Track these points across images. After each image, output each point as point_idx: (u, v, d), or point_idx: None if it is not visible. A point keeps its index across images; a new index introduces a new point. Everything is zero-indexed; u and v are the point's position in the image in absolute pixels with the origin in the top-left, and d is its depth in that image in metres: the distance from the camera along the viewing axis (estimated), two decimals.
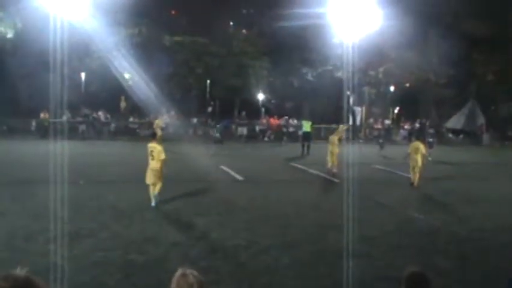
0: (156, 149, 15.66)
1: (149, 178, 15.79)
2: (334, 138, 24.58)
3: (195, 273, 4.23)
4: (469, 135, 49.10)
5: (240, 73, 52.61)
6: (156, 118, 36.50)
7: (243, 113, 49.71)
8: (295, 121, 46.67)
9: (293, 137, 44.54)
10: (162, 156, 15.58)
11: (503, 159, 35.93)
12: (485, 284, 9.81)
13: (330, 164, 23.91)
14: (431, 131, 39.44)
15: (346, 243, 12.34)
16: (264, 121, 49.68)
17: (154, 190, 15.81)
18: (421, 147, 21.55)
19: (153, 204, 15.67)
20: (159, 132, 16.79)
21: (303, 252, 11.62)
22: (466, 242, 13.18)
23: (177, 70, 51.44)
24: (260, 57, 53.41)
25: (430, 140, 35.87)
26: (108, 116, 45.35)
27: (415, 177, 21.40)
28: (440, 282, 9.74)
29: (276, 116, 50.49)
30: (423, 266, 9.62)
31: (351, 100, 48.74)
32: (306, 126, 35.89)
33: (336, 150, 23.97)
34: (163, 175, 15.97)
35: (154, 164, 15.69)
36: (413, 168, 21.47)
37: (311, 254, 11.57)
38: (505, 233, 13.54)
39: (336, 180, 21.90)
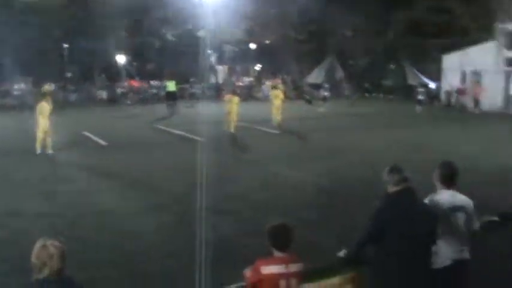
0: (45, 107, 19.00)
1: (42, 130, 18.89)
2: (233, 98, 24.90)
3: (56, 243, 4.16)
4: (329, 89, 50.71)
5: (99, 35, 50.89)
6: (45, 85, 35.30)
7: (103, 76, 48.42)
8: (158, 83, 46.06)
9: (156, 98, 43.83)
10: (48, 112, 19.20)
11: (362, 110, 37.42)
12: (350, 232, 10.27)
13: (231, 124, 24.18)
14: (326, 85, 40.87)
15: (213, 202, 12.51)
16: (126, 84, 48.65)
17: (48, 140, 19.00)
18: (234, 99, 24.82)
19: (50, 152, 18.90)
20: (48, 95, 19.95)
21: (170, 214, 11.67)
22: (331, 193, 13.72)
23: (32, 34, 48.94)
24: (119, 18, 51.89)
25: (325, 94, 37.46)
26: None
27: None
28: (306, 234, 10.13)
29: (137, 78, 49.61)
30: (289, 218, 10.00)
31: (213, 59, 48.80)
32: (170, 85, 35.46)
33: (236, 108, 24.39)
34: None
35: (44, 120, 18.83)
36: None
37: (178, 215, 11.64)
38: (366, 183, 14.07)
39: (201, 139, 21.96)
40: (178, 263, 8.84)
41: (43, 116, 18.83)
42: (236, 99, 24.87)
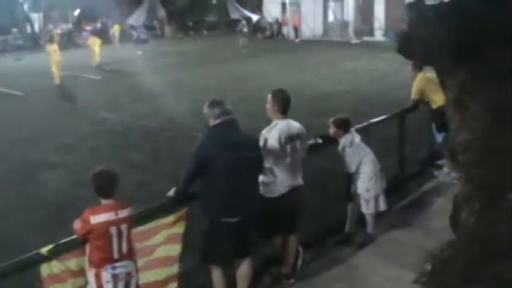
0: None
1: None
2: (51, 47, 23.42)
3: None
4: (152, 29, 49.89)
5: None
6: None
7: None
8: None
9: None
10: None
11: (186, 48, 37.26)
12: (179, 171, 10.22)
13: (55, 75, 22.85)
14: (139, 26, 40.05)
15: (41, 157, 11.98)
16: None
17: None
18: (97, 41, 25.94)
19: None
20: None
21: None
22: (158, 133, 13.65)
23: None
24: None
25: (144, 36, 36.85)
26: None
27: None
28: (136, 176, 10.01)
29: None
30: (117, 163, 9.81)
31: (26, 7, 46.12)
32: None
33: (57, 58, 22.95)
34: None
35: None
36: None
37: (4, 174, 10.96)
38: (193, 119, 14.05)
39: (21, 93, 20.77)
40: (9, 224, 8.37)
41: None
42: (54, 47, 23.58)
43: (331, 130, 6.92)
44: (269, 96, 5.95)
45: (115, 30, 43.05)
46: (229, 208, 5.19)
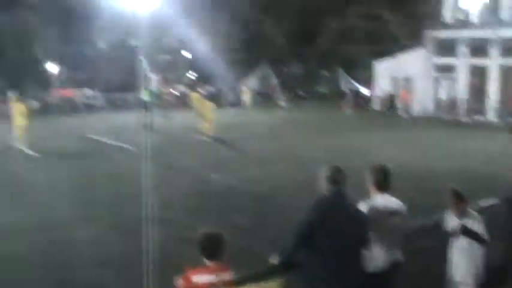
0: None
1: None
2: (206, 103, 25.52)
3: None
4: (264, 96, 50.91)
5: (28, 43, 49.46)
6: None
7: (32, 85, 47.12)
8: (91, 92, 45.16)
9: (89, 108, 42.74)
10: None
11: (296, 117, 37.63)
12: (283, 237, 10.28)
13: (204, 128, 24.66)
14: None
15: (146, 211, 12.33)
16: (58, 93, 47.47)
17: None
18: (207, 103, 25.54)
19: None
20: None
21: (104, 225, 11.42)
22: (263, 200, 13.75)
23: None
24: (48, 25, 50.61)
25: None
26: None
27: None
28: (239, 241, 10.08)
29: (68, 88, 48.53)
30: (221, 225, 9.94)
31: (146, 68, 48.29)
32: (148, 94, 34.69)
33: (209, 115, 24.78)
34: None
35: None
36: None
37: (112, 225, 11.40)
38: (299, 190, 14.18)
39: (131, 147, 21.58)
40: (113, 273, 8.67)
41: None
42: (210, 104, 25.09)
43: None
44: (368, 172, 5.99)
45: (245, 94, 44.93)
46: (333, 282, 5.13)
